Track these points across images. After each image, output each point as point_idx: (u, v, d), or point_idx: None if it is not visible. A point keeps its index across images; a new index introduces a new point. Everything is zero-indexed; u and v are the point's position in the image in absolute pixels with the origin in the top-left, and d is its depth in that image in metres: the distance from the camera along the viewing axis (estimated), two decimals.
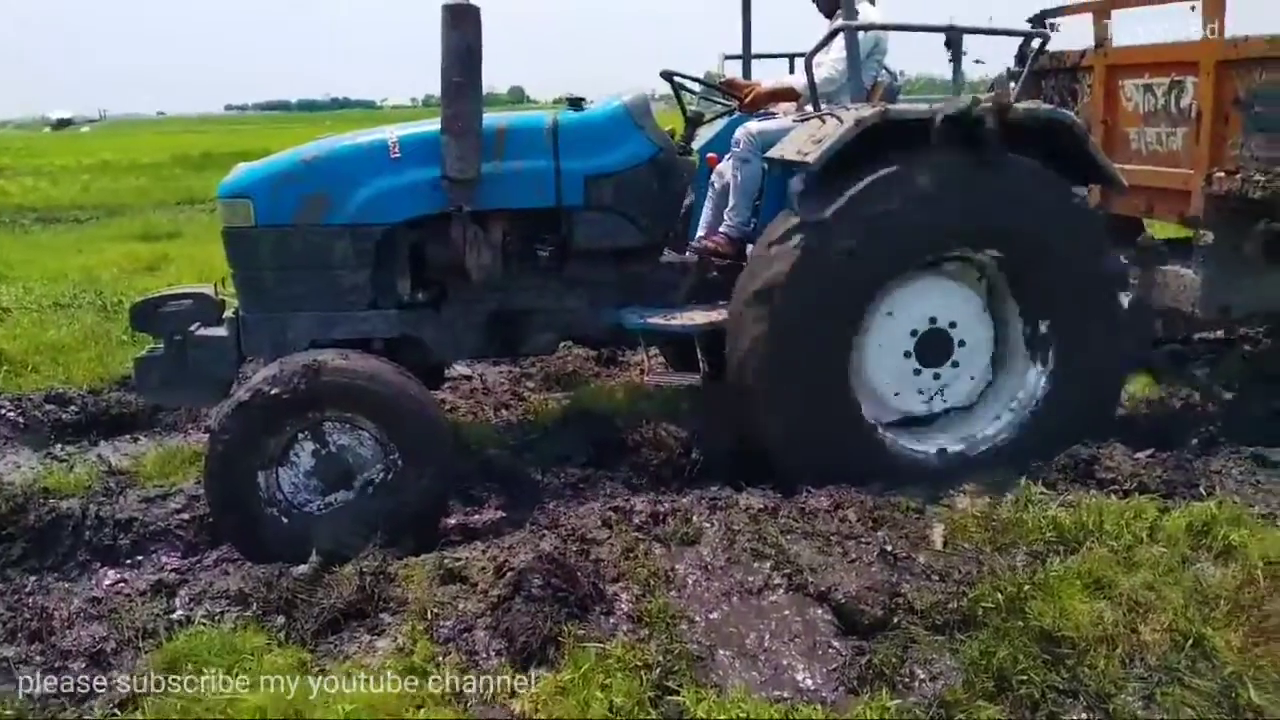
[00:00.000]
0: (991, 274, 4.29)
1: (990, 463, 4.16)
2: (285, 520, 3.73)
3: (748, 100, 4.79)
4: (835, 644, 2.92)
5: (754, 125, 4.51)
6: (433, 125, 4.16)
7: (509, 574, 3.07)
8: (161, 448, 4.99)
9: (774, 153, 4.21)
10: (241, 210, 4.13)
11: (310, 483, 3.78)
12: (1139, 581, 3.10)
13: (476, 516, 4.06)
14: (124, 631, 3.11)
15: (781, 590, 3.16)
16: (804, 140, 4.04)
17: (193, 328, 4.24)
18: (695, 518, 3.59)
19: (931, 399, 4.32)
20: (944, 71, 4.69)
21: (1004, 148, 4.00)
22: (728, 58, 5.51)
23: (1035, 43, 4.81)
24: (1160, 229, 5.84)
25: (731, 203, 4.47)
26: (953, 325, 4.24)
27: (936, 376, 4.28)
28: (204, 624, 3.11)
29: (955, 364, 4.28)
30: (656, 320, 4.40)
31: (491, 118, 4.20)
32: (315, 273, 4.14)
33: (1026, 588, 3.05)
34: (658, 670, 2.74)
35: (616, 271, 4.54)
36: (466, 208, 4.12)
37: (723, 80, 5.18)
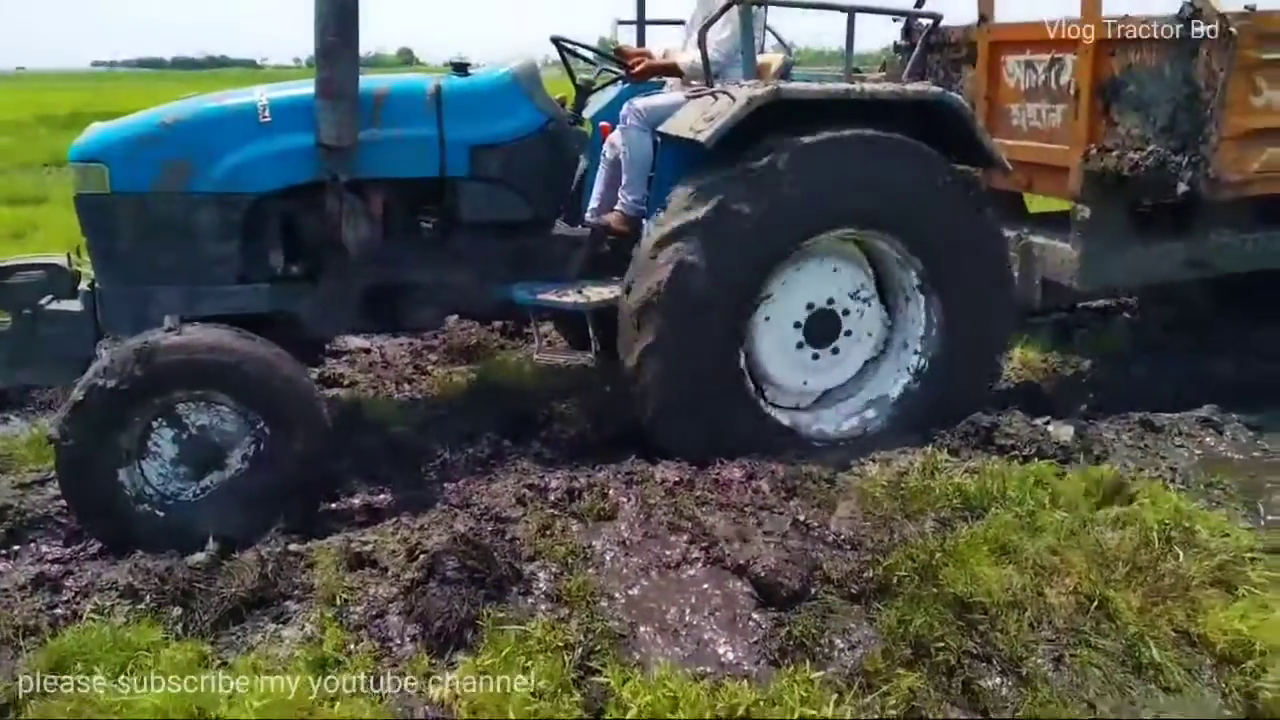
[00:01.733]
0: (878, 253, 4.28)
1: (886, 435, 4.18)
2: (162, 514, 3.50)
3: (636, 71, 4.62)
4: (755, 616, 2.91)
5: (640, 100, 4.36)
6: (306, 88, 3.92)
7: (422, 556, 2.97)
8: (36, 429, 4.66)
9: (666, 128, 4.11)
10: (95, 175, 3.84)
11: (179, 470, 3.55)
12: (1043, 545, 3.20)
13: (383, 496, 3.91)
14: (2, 630, 2.89)
15: (700, 564, 3.14)
16: (696, 118, 3.96)
17: (44, 301, 3.94)
18: (611, 492, 3.54)
19: (818, 378, 4.32)
20: (831, 44, 4.68)
21: (892, 128, 4.00)
22: (621, 23, 5.38)
23: (925, 21, 4.85)
24: (1039, 203, 6.02)
25: (625, 179, 4.35)
26: (834, 303, 4.22)
27: (823, 355, 4.26)
28: (93, 619, 2.91)
29: (838, 349, 4.27)
30: (548, 296, 4.25)
31: (369, 81, 4.00)
32: (178, 244, 3.88)
33: (938, 555, 3.11)
34: (579, 650, 2.70)
35: (505, 245, 4.38)
36: (342, 177, 3.91)
37: (615, 48, 5.04)
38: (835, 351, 4.28)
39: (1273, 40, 4.54)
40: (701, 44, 4.12)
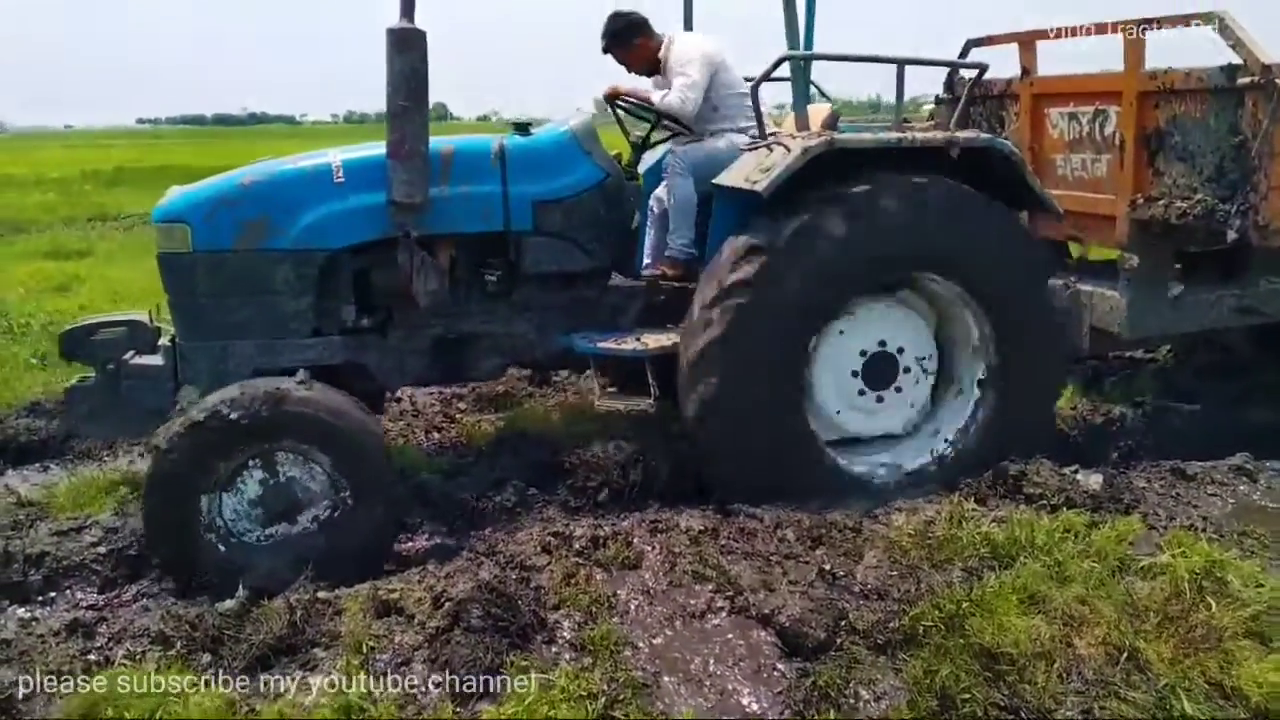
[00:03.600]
0: (937, 298, 4.38)
1: (938, 478, 4.26)
2: (222, 548, 3.63)
3: (608, 93, 4.78)
4: (780, 666, 2.90)
5: (681, 149, 4.55)
6: (376, 149, 4.11)
7: (447, 604, 3.00)
8: (74, 477, 4.76)
9: (722, 180, 4.24)
10: (178, 235, 4.02)
11: (254, 512, 3.68)
12: (1072, 595, 3.16)
13: (410, 544, 3.96)
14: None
15: (724, 613, 3.14)
16: (752, 168, 4.09)
17: (126, 356, 4.12)
18: (636, 541, 3.56)
19: (882, 424, 4.41)
20: (859, 93, 4.76)
21: (945, 175, 4.12)
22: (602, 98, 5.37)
23: (969, 73, 4.93)
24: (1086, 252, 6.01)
25: (673, 226, 4.49)
26: (900, 350, 4.33)
27: (880, 399, 4.36)
28: (124, 665, 2.96)
29: (899, 389, 4.37)
30: (608, 345, 4.38)
31: (437, 141, 4.16)
32: (256, 299, 4.05)
33: (965, 605, 3.09)
34: (603, 699, 2.70)
35: (565, 296, 4.53)
36: (414, 233, 4.07)
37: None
38: (899, 390, 4.38)
39: None
40: (754, 96, 4.41)
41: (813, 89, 4.96)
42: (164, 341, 4.20)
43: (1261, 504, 4.24)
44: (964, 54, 5.98)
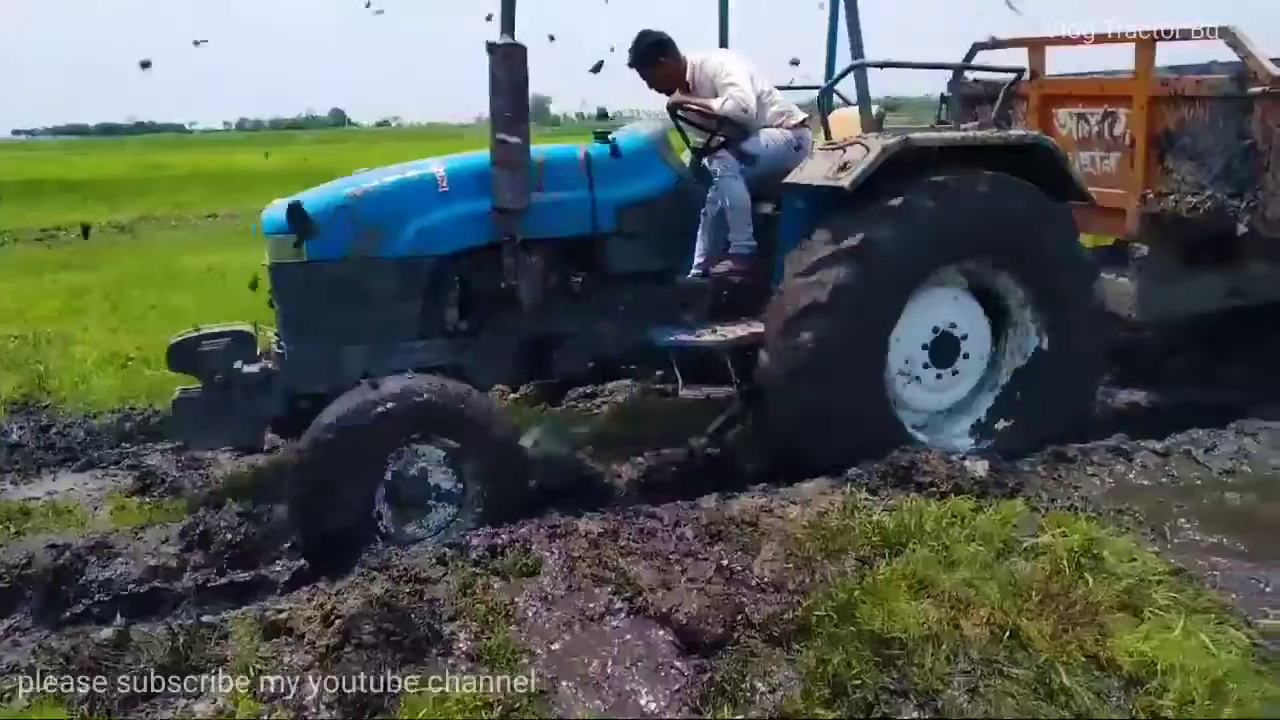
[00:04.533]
0: (989, 281, 4.71)
1: (1001, 447, 4.61)
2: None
3: (670, 104, 5.08)
4: (677, 664, 2.92)
5: (725, 153, 4.79)
6: (475, 157, 4.40)
7: (337, 621, 2.93)
8: None
9: (802, 179, 4.54)
10: (292, 246, 4.13)
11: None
12: (959, 579, 3.25)
13: (304, 562, 3.85)
14: None
15: (623, 614, 3.15)
16: (828, 168, 4.41)
17: (236, 365, 4.22)
18: (534, 547, 3.53)
19: (944, 398, 4.79)
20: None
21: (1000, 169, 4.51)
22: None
23: (1006, 76, 5.36)
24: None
25: (733, 226, 4.76)
26: (953, 327, 4.70)
27: (948, 374, 4.73)
28: None
29: (967, 355, 4.75)
30: (688, 338, 4.65)
31: (531, 150, 4.28)
32: (368, 305, 4.21)
33: (856, 593, 3.15)
34: (499, 709, 2.68)
35: (642, 295, 4.76)
36: (518, 237, 4.30)
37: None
38: (955, 373, 4.75)
39: None
40: (821, 101, 4.86)
41: (835, 96, 5.20)
42: (275, 349, 4.32)
43: (1137, 482, 4.42)
44: (970, 56, 6.41)
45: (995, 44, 6.41)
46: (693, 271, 4.86)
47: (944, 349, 4.70)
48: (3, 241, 15.52)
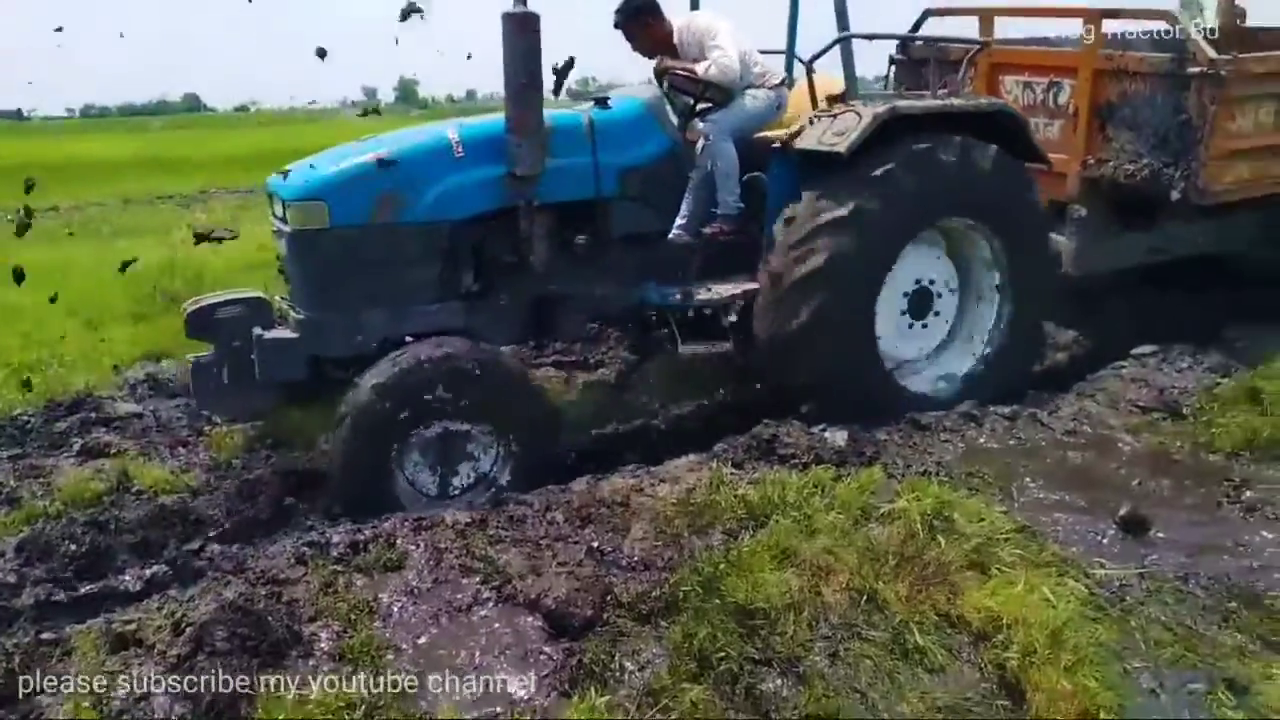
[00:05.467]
0: (959, 235, 5.08)
1: (973, 391, 5.02)
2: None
3: (659, 69, 5.12)
4: (546, 649, 2.91)
5: (715, 115, 4.96)
6: (488, 122, 4.51)
7: (189, 629, 2.81)
8: None
9: (799, 144, 4.78)
10: (316, 212, 4.16)
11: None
12: (820, 547, 3.34)
13: (153, 569, 3.67)
14: None
15: (491, 604, 3.12)
16: (824, 133, 4.69)
17: (255, 332, 4.23)
18: (399, 541, 3.45)
19: (921, 348, 5.18)
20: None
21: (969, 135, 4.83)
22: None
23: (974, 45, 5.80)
24: None
25: (722, 188, 4.90)
26: (931, 281, 5.08)
27: (924, 326, 5.13)
28: None
29: (937, 312, 5.16)
30: (684, 297, 4.84)
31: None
32: (388, 270, 4.27)
33: (722, 566, 3.20)
34: (363, 708, 2.62)
35: (640, 255, 4.90)
36: (535, 202, 4.43)
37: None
38: (936, 314, 5.15)
39: (1252, 80, 5.53)
40: (809, 71, 5.06)
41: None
42: (292, 315, 4.30)
43: (987, 446, 4.62)
44: (919, 22, 6.68)
45: (946, 12, 6.73)
46: (674, 231, 4.94)
47: (921, 301, 5.08)
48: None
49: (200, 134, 39.85)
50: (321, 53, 5.48)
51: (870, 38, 5.21)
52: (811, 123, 4.85)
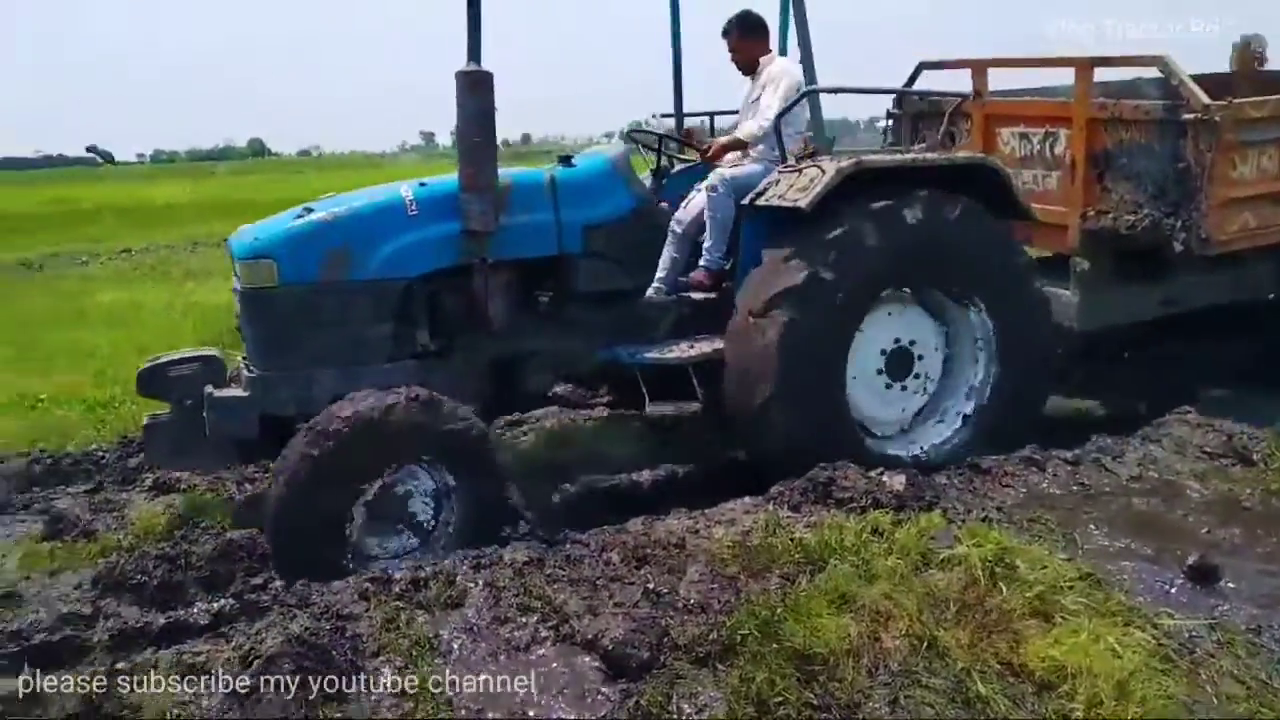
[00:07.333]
0: (938, 296, 4.95)
1: (959, 453, 4.83)
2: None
3: (710, 153, 5.24)
4: (604, 690, 2.92)
5: (726, 171, 5.01)
6: (441, 181, 4.49)
7: (256, 662, 2.87)
8: None
9: (761, 201, 4.70)
10: (264, 270, 4.19)
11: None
12: (878, 592, 3.31)
13: (222, 603, 3.76)
14: None
15: (549, 643, 3.14)
16: (787, 188, 4.59)
17: (206, 390, 4.23)
18: (459, 579, 3.50)
19: (903, 411, 5.03)
20: None
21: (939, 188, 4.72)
22: (661, 116, 6.00)
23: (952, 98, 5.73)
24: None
25: (710, 241, 4.94)
26: (912, 343, 4.94)
27: (903, 388, 4.98)
28: None
29: (917, 375, 5.00)
30: (652, 355, 4.79)
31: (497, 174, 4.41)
32: (338, 329, 4.26)
33: (779, 610, 3.19)
34: None
35: (607, 313, 4.89)
36: (489, 259, 4.42)
37: (684, 134, 5.75)
38: (917, 376, 4.99)
39: (1247, 125, 5.36)
40: (777, 128, 4.87)
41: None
42: (245, 373, 4.31)
43: (1049, 491, 4.55)
44: (914, 76, 6.63)
45: (939, 65, 6.66)
46: (653, 287, 4.98)
47: (900, 362, 4.94)
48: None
49: (264, 178, 41.02)
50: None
51: (834, 91, 5.11)
52: (778, 179, 4.77)
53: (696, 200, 5.16)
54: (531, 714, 2.83)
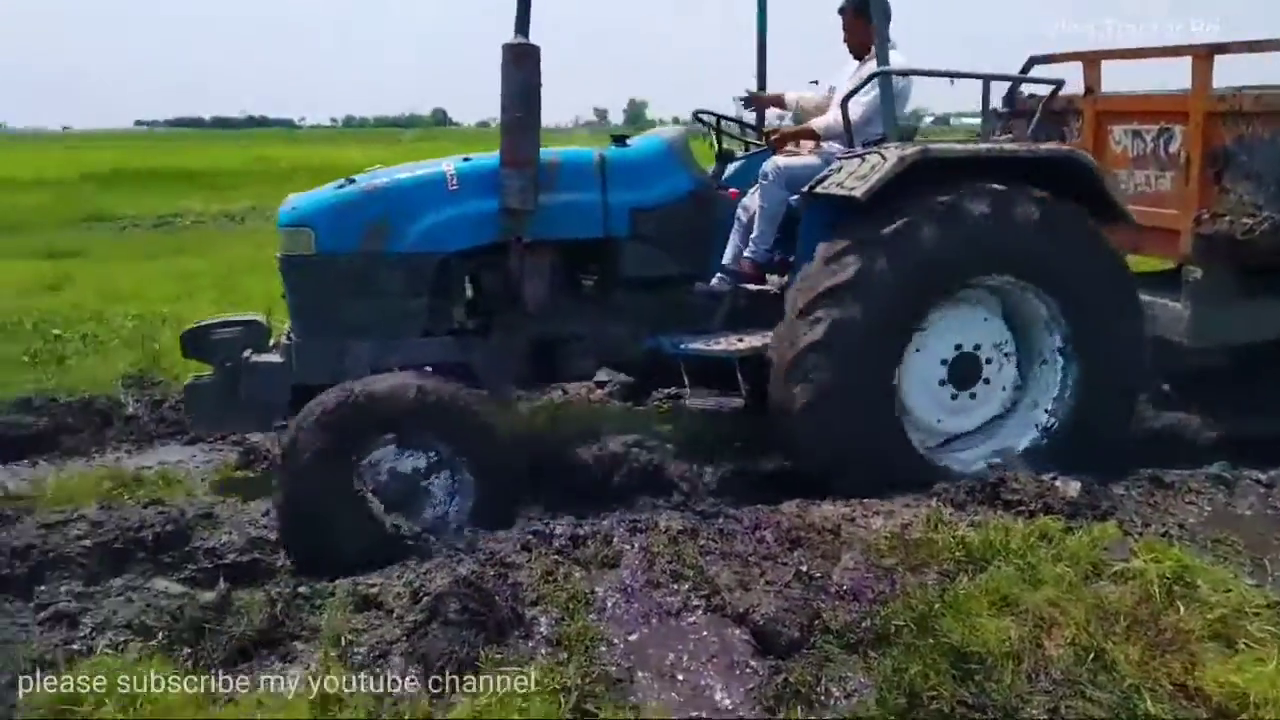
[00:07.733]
0: (1016, 297, 4.55)
1: (1035, 466, 4.37)
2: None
3: (775, 139, 5.06)
4: (753, 664, 2.94)
5: (782, 160, 4.76)
6: (485, 158, 4.41)
7: (425, 599, 3.04)
8: (62, 472, 4.80)
9: (819, 188, 4.39)
10: (303, 238, 4.23)
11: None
12: (1043, 598, 3.19)
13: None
14: (19, 663, 2.96)
15: (700, 611, 3.18)
16: (847, 176, 4.29)
17: (245, 354, 4.30)
18: (615, 540, 3.59)
19: (969, 419, 4.63)
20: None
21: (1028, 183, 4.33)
22: (742, 98, 5.70)
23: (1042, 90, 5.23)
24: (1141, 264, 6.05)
25: (757, 230, 4.73)
26: (978, 348, 4.54)
27: (972, 396, 4.58)
28: (106, 654, 2.99)
29: (987, 380, 4.59)
30: (697, 346, 4.58)
31: (544, 152, 4.33)
32: (374, 300, 4.24)
33: (937, 606, 3.12)
34: (576, 694, 2.73)
35: (656, 300, 4.72)
36: (525, 238, 4.31)
37: (760, 107, 5.55)
38: (987, 381, 4.59)
39: None
40: (844, 110, 4.57)
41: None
42: (282, 340, 4.38)
43: (1238, 512, 4.29)
44: (1026, 69, 6.18)
45: (1050, 59, 6.18)
46: (717, 276, 4.80)
47: (966, 369, 4.54)
48: (124, 226, 16.35)
49: (446, 145, 42.64)
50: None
51: (908, 73, 4.70)
52: (839, 166, 4.46)
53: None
54: (680, 678, 2.88)
